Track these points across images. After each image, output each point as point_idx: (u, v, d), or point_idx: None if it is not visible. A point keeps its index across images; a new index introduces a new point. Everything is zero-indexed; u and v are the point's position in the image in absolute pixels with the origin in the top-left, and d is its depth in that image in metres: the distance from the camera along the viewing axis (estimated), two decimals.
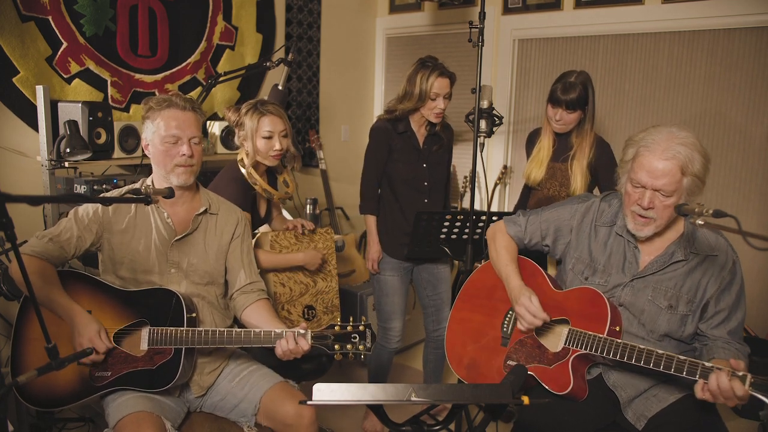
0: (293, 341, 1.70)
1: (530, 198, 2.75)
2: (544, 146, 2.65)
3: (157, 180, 1.90)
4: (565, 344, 1.75)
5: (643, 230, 1.72)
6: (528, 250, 2.05)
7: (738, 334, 1.72)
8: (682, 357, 1.52)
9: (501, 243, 2.02)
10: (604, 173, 2.54)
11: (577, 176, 2.55)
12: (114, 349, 1.76)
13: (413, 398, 1.21)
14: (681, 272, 1.74)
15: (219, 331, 1.74)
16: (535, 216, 2.01)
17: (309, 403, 1.21)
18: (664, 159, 1.62)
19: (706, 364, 1.49)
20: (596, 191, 2.68)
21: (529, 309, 1.78)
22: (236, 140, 2.35)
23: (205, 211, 1.95)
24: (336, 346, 1.70)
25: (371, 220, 2.70)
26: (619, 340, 1.65)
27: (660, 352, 1.56)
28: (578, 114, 2.51)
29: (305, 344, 1.71)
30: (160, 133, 1.82)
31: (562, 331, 1.79)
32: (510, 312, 1.95)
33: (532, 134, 2.81)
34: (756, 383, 1.40)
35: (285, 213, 2.81)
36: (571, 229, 1.93)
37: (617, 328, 1.71)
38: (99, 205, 1.86)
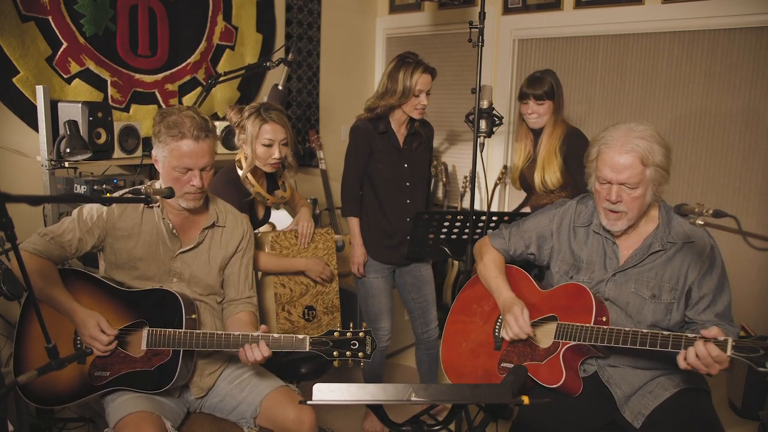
0: (257, 350, 1.70)
1: (533, 201, 2.76)
2: (518, 148, 2.74)
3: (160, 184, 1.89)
4: (554, 339, 1.79)
5: (616, 225, 1.78)
6: (515, 261, 2.09)
7: (727, 316, 1.75)
8: (665, 332, 1.58)
9: (488, 256, 2.07)
10: (576, 162, 2.54)
11: (539, 165, 2.59)
12: (113, 349, 1.76)
13: (413, 398, 1.21)
14: (660, 262, 1.78)
15: (217, 333, 1.73)
16: (516, 227, 2.07)
17: (309, 402, 1.21)
18: (624, 153, 1.69)
19: (689, 335, 1.54)
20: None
21: (517, 320, 1.82)
22: (236, 141, 2.34)
23: (213, 225, 1.94)
24: (335, 353, 1.68)
25: (354, 222, 2.68)
26: (605, 327, 1.68)
27: (645, 331, 1.61)
28: (549, 105, 2.58)
29: (266, 351, 1.70)
30: (171, 162, 1.76)
31: (552, 327, 1.82)
32: (501, 318, 1.98)
33: None
34: (738, 346, 1.45)
35: (285, 214, 2.80)
36: (551, 233, 1.98)
37: (603, 319, 1.75)
38: (104, 209, 1.83)
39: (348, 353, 1.68)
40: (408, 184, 2.67)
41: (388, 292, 2.77)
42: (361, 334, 1.69)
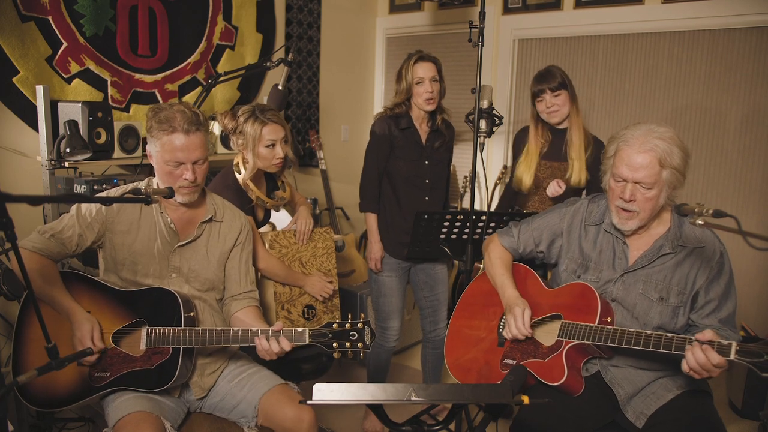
0: (275, 342, 1.70)
1: (530, 201, 2.75)
2: (532, 150, 2.68)
3: (162, 184, 1.90)
4: (558, 337, 1.79)
5: (627, 224, 1.77)
6: (523, 259, 2.09)
7: (730, 323, 1.74)
8: (669, 334, 1.57)
9: (495, 254, 2.07)
10: (595, 174, 2.57)
11: (576, 162, 2.56)
12: (113, 350, 1.76)
13: (413, 398, 1.21)
14: (669, 265, 1.77)
15: (216, 330, 1.74)
16: (526, 225, 2.06)
17: (309, 402, 1.21)
18: (643, 152, 1.69)
19: (692, 338, 1.53)
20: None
21: (517, 321, 1.82)
22: (233, 146, 2.33)
23: (210, 219, 1.94)
24: (334, 344, 1.70)
25: (372, 218, 2.69)
26: (609, 327, 1.68)
27: (649, 332, 1.60)
28: (565, 95, 2.56)
29: (287, 345, 1.71)
30: (164, 156, 1.78)
31: (556, 326, 1.83)
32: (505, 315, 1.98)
33: (519, 133, 2.82)
34: (742, 350, 1.44)
35: (285, 213, 2.80)
36: (561, 231, 1.98)
37: (608, 319, 1.74)
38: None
39: (347, 344, 1.70)
40: (427, 181, 2.67)
41: (401, 292, 2.76)
42: (359, 325, 1.71)
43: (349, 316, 1.73)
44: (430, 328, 2.85)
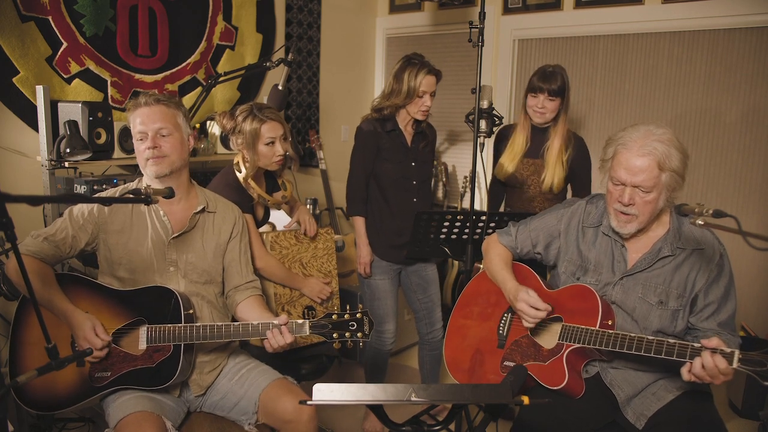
0: (280, 336, 1.73)
1: (515, 198, 2.75)
2: (518, 141, 2.67)
3: (146, 179, 1.92)
4: (558, 340, 1.78)
5: (625, 227, 1.75)
6: (522, 260, 2.08)
7: (729, 325, 1.73)
8: (671, 341, 1.56)
9: (495, 252, 2.07)
10: (580, 171, 2.60)
11: (550, 167, 2.57)
12: (113, 349, 1.76)
13: (413, 398, 1.21)
14: (669, 268, 1.76)
15: (216, 325, 1.75)
16: (524, 226, 2.05)
17: (309, 403, 1.21)
18: (641, 155, 1.66)
19: (695, 345, 1.52)
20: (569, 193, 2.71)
21: (528, 302, 1.80)
22: (233, 146, 2.34)
23: (203, 210, 1.96)
24: (334, 335, 1.74)
25: (360, 222, 2.68)
26: (610, 331, 1.67)
27: (650, 338, 1.59)
28: (558, 102, 2.55)
29: (289, 337, 1.74)
30: (134, 132, 1.86)
31: (556, 328, 1.82)
32: (505, 315, 1.98)
33: (502, 130, 2.81)
34: (744, 359, 1.43)
35: (283, 214, 2.80)
36: (559, 233, 1.96)
37: (609, 322, 1.73)
38: (94, 205, 1.86)
39: (347, 334, 1.74)
40: (415, 182, 2.68)
41: (394, 294, 2.76)
42: (358, 315, 1.74)
43: (348, 307, 1.76)
44: (426, 330, 2.85)
